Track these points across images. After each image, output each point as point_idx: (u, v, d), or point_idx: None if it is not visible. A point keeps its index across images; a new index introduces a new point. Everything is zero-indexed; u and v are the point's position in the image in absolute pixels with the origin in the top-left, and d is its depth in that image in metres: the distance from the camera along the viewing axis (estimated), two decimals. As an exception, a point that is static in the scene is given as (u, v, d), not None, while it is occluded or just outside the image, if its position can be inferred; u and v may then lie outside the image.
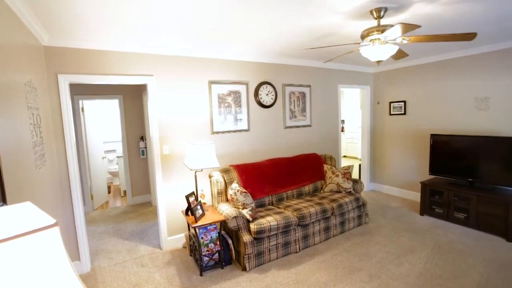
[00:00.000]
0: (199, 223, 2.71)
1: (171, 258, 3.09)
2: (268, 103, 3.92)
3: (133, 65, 2.99)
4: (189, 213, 2.93)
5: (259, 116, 3.90)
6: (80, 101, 4.64)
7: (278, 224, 2.90)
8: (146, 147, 5.09)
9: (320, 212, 3.24)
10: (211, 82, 3.45)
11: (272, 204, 3.53)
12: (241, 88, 3.69)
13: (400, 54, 2.62)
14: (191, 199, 2.87)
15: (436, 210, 3.91)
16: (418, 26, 1.79)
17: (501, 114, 3.65)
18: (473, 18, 2.52)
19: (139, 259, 3.09)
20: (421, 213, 4.08)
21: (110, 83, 2.91)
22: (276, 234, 2.95)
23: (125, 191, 5.62)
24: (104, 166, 5.61)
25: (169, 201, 3.29)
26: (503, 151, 3.39)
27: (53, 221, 0.60)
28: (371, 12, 2.22)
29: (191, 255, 3.13)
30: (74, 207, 2.81)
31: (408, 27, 1.82)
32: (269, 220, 2.89)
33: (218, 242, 2.85)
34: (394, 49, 2.22)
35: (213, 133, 3.52)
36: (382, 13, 2.20)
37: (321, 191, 3.94)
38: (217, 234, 2.86)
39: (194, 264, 2.96)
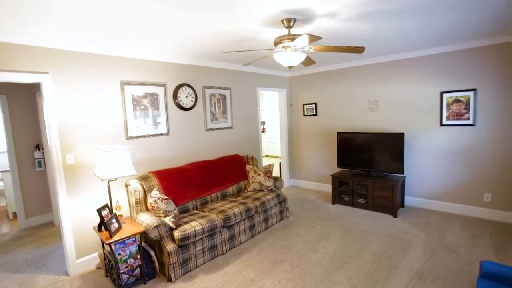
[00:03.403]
0: (115, 238, 2.44)
1: (81, 284, 2.69)
2: (188, 106, 3.82)
3: (19, 59, 2.48)
4: (103, 228, 2.61)
5: (179, 119, 3.76)
6: None
7: (203, 228, 2.85)
8: (44, 158, 4.30)
9: (245, 211, 3.33)
10: (124, 83, 3.15)
11: (197, 209, 3.45)
12: (159, 90, 3.49)
13: (308, 61, 2.92)
14: (105, 212, 2.57)
15: (344, 198, 4.50)
16: (320, 38, 2.03)
17: (386, 114, 4.46)
18: (364, 35, 3.00)
19: (38, 292, 2.59)
20: (333, 202, 4.63)
21: (-14, 80, 2.35)
22: (201, 238, 2.89)
23: (15, 213, 4.62)
24: (-17, 184, 4.50)
25: (77, 217, 2.86)
26: (388, 144, 4.15)
27: None
28: (282, 21, 2.40)
29: (107, 276, 2.80)
30: None
31: (312, 38, 2.05)
32: (194, 225, 2.82)
33: (138, 256, 2.63)
34: (302, 56, 2.46)
35: (129, 138, 3.23)
36: (291, 23, 2.41)
37: (245, 191, 4.06)
38: (137, 248, 2.64)
39: (111, 285, 2.65)
